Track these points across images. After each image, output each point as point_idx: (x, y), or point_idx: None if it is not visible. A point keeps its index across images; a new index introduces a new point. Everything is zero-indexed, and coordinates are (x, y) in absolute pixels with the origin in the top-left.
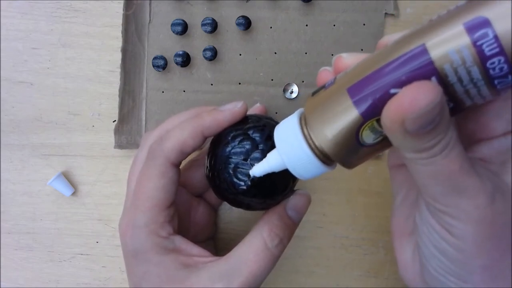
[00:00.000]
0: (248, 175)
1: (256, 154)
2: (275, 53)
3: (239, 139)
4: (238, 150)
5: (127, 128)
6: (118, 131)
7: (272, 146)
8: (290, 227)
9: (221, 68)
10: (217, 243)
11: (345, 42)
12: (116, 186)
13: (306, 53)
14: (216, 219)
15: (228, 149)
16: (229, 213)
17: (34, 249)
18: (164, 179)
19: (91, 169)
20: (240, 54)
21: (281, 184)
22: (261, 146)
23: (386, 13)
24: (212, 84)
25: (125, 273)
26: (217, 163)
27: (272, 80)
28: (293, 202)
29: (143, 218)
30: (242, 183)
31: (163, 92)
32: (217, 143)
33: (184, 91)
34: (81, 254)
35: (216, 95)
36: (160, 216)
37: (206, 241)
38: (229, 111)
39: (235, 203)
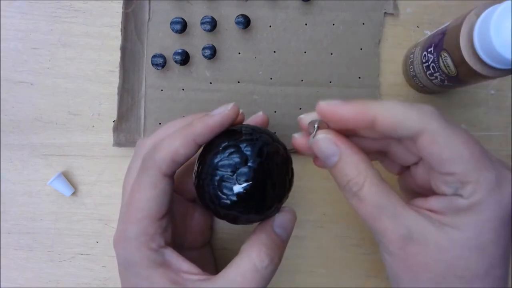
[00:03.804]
0: (232, 191)
1: (243, 169)
2: (274, 52)
3: (229, 151)
4: (227, 162)
5: (126, 126)
6: (117, 129)
7: (260, 163)
8: (279, 245)
9: (220, 66)
10: (217, 243)
11: (344, 42)
12: (116, 186)
13: (305, 52)
14: (212, 223)
15: (217, 160)
16: None
17: (34, 249)
18: (155, 190)
19: (91, 169)
20: (239, 53)
21: (267, 202)
22: (250, 162)
23: (385, 13)
24: (211, 83)
25: None
26: (203, 173)
27: (271, 79)
28: (280, 219)
29: (133, 230)
30: (225, 197)
31: (162, 90)
32: (207, 151)
33: (183, 89)
34: (81, 254)
35: (215, 93)
36: (151, 228)
37: (204, 247)
38: (219, 115)
39: (219, 216)
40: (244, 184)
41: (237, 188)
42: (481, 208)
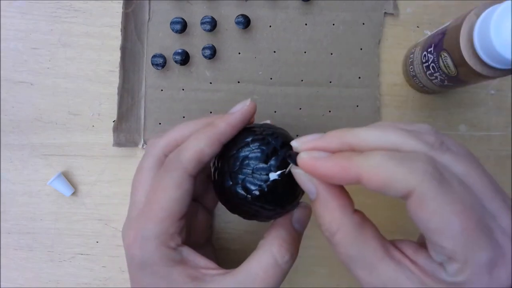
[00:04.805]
0: (264, 180)
1: (276, 158)
2: (274, 52)
3: (257, 143)
4: (257, 154)
5: (126, 126)
6: (117, 129)
7: (287, 153)
8: (297, 240)
9: (220, 66)
10: (218, 242)
11: (344, 42)
12: (116, 186)
13: (305, 52)
14: (212, 221)
15: (245, 153)
16: (229, 212)
17: (34, 249)
18: (180, 191)
19: (91, 169)
20: (239, 53)
21: (293, 192)
22: (280, 152)
23: (385, 13)
24: (211, 83)
25: (125, 273)
26: (230, 166)
27: (271, 79)
28: (298, 214)
29: (154, 228)
30: (256, 188)
31: (162, 90)
32: (230, 148)
33: (183, 89)
34: (81, 254)
35: (215, 93)
36: (172, 227)
37: (205, 246)
38: (239, 112)
39: (241, 210)
40: (279, 172)
41: (273, 176)
42: None
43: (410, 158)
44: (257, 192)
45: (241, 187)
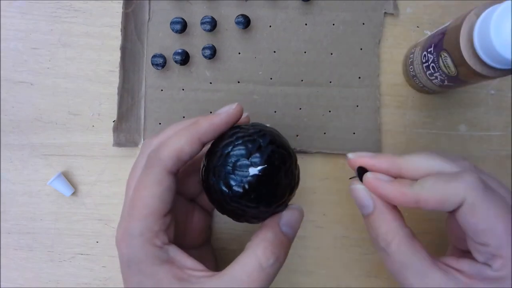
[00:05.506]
0: (246, 176)
1: (258, 153)
2: (274, 52)
3: (242, 140)
4: (240, 151)
5: (126, 126)
6: (117, 129)
7: (273, 150)
8: (285, 244)
9: (220, 66)
10: (216, 243)
11: (344, 42)
12: (116, 186)
13: (305, 52)
14: (211, 222)
15: (228, 150)
16: None
17: (34, 249)
18: (161, 187)
19: (91, 169)
20: (239, 53)
21: (278, 190)
22: (264, 148)
23: (385, 13)
24: (211, 83)
25: None
26: (213, 164)
27: (271, 79)
28: (287, 217)
29: (138, 226)
30: (238, 184)
31: (162, 90)
32: (216, 145)
33: (183, 89)
34: (81, 254)
35: (215, 93)
36: (156, 224)
37: (203, 246)
38: (224, 114)
39: (226, 209)
40: (260, 167)
41: (253, 171)
42: (507, 283)
43: (456, 175)
44: (238, 188)
45: (223, 183)
